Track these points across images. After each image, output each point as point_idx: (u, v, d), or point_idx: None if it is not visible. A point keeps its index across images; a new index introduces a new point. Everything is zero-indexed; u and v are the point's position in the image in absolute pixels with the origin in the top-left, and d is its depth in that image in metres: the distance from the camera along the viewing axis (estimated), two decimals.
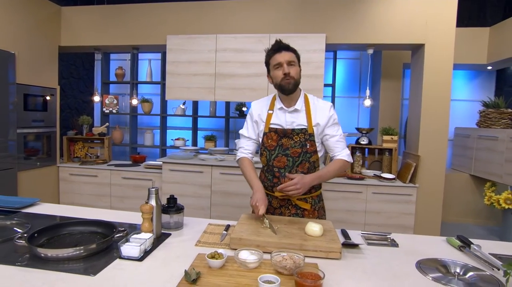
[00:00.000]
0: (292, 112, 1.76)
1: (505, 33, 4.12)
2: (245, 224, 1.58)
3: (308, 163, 1.76)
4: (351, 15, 3.50)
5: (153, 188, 1.54)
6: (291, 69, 1.68)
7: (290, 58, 1.68)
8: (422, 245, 1.56)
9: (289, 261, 1.20)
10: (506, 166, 3.74)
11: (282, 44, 1.70)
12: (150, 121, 5.24)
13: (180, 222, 1.67)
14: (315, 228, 1.47)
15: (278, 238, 1.43)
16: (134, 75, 4.80)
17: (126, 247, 1.29)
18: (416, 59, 3.64)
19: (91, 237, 1.46)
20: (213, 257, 1.23)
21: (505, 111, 4.07)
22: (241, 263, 1.22)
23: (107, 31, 3.90)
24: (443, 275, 1.27)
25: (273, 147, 1.78)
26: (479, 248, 1.47)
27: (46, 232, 1.44)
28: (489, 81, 4.93)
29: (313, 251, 1.36)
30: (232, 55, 3.64)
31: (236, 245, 1.41)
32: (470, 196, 4.51)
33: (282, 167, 1.77)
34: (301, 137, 1.74)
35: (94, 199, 3.93)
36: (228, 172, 3.64)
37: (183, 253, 1.38)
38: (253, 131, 1.86)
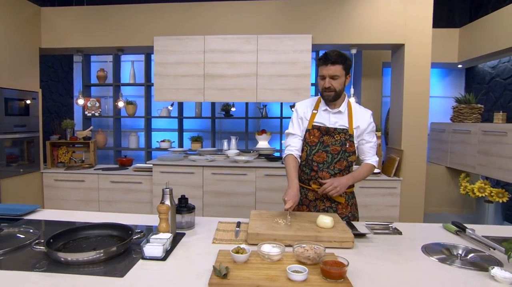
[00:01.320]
0: (335, 114, 1.87)
1: (473, 34, 4.40)
2: (257, 220, 1.63)
3: (346, 162, 1.86)
4: (336, 16, 3.62)
5: (167, 189, 1.56)
6: (333, 82, 1.78)
7: (334, 73, 1.76)
8: (422, 232, 1.68)
9: (311, 251, 1.26)
10: (479, 157, 4.00)
11: (329, 57, 1.76)
12: (134, 124, 5.15)
13: (192, 221, 1.69)
14: (327, 220, 1.54)
15: (293, 231, 1.49)
16: (118, 77, 4.70)
17: (149, 248, 1.30)
18: (397, 58, 3.82)
19: (107, 240, 1.45)
20: (237, 252, 1.27)
21: (475, 107, 4.35)
22: (265, 256, 1.26)
23: (90, 32, 3.80)
24: (447, 257, 1.38)
25: (315, 143, 1.87)
26: (473, 232, 1.60)
27: (61, 237, 1.42)
28: (459, 78, 5.23)
29: (328, 241, 1.43)
30: (220, 56, 3.67)
31: (254, 240, 1.45)
32: (446, 187, 4.78)
33: (321, 162, 1.86)
34: (342, 136, 1.84)
35: (81, 204, 3.82)
36: (219, 172, 3.67)
37: (203, 251, 1.40)
38: (299, 128, 1.94)
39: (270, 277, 1.14)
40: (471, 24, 4.44)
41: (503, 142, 3.59)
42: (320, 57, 1.81)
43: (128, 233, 1.46)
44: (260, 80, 3.68)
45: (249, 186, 3.66)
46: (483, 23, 4.19)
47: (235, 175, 3.65)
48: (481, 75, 4.89)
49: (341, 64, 1.76)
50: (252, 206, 3.66)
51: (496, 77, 4.59)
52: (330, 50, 1.81)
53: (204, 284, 1.12)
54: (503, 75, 4.46)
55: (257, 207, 3.65)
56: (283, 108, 4.72)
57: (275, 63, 3.66)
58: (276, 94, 3.69)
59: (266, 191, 3.64)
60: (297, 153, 1.92)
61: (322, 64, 1.79)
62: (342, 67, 1.77)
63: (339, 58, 1.76)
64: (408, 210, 3.66)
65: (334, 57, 1.75)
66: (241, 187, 3.65)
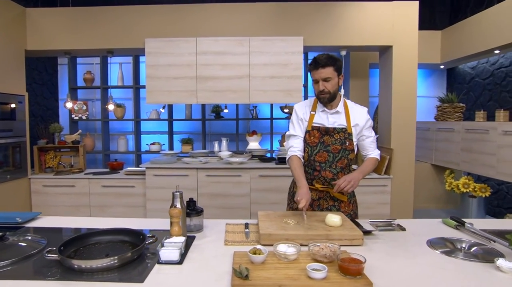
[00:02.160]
0: (333, 114, 1.92)
1: (454, 36, 4.58)
2: (266, 221, 1.65)
3: (346, 160, 1.92)
4: (326, 19, 3.69)
5: (177, 192, 1.56)
6: (327, 85, 1.83)
7: (326, 75, 1.81)
8: (424, 228, 1.74)
9: (327, 250, 1.29)
10: (462, 155, 4.17)
11: (319, 61, 1.81)
12: (122, 127, 5.06)
13: (200, 224, 1.69)
14: (336, 219, 1.58)
15: (304, 231, 1.52)
16: (105, 79, 4.61)
17: (165, 252, 1.30)
18: (385, 60, 3.93)
19: (118, 246, 1.44)
20: (254, 253, 1.28)
21: (458, 106, 4.53)
22: (282, 255, 1.29)
23: (79, 34, 3.71)
24: (452, 250, 1.44)
25: (315, 143, 1.92)
26: (472, 226, 1.68)
27: (71, 244, 1.39)
28: (441, 78, 5.43)
29: (338, 239, 1.47)
30: (213, 57, 3.66)
31: (266, 241, 1.47)
32: (432, 184, 4.94)
33: (323, 161, 1.91)
34: (341, 135, 1.90)
35: (72, 210, 3.73)
36: (213, 174, 3.66)
37: (218, 253, 1.41)
38: (300, 129, 1.97)
39: (290, 276, 1.17)
40: (452, 26, 4.62)
41: (485, 140, 3.75)
42: (311, 63, 1.86)
43: (139, 238, 1.45)
44: (253, 82, 3.70)
45: (243, 188, 3.67)
46: (463, 26, 4.37)
47: (230, 177, 3.66)
48: (461, 76, 5.10)
49: (331, 66, 1.81)
50: (247, 207, 3.67)
51: (475, 78, 4.79)
52: (319, 54, 1.86)
53: (226, 285, 1.14)
54: (482, 76, 4.66)
55: (252, 208, 3.67)
56: (273, 109, 4.76)
57: (267, 65, 3.69)
58: (269, 95, 3.73)
59: (261, 192, 3.66)
60: (300, 153, 1.95)
61: (313, 69, 1.83)
62: (333, 68, 1.82)
63: (329, 61, 1.81)
64: (398, 207, 3.77)
65: (324, 60, 1.80)
66: (236, 188, 3.65)
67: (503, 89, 4.25)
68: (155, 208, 3.65)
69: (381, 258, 1.36)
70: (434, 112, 4.88)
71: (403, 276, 1.20)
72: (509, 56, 4.15)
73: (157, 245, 1.42)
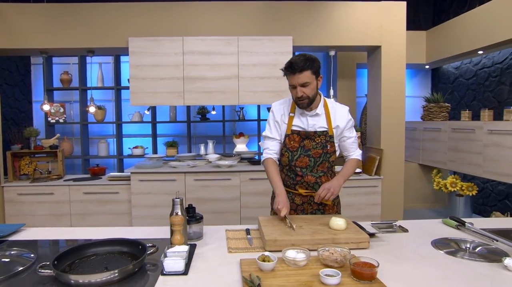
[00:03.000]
0: (313, 116, 1.87)
1: (438, 36, 4.73)
2: (269, 226, 1.64)
3: (328, 163, 1.90)
4: (315, 19, 3.72)
5: (177, 198, 1.52)
6: (305, 90, 1.73)
7: (304, 80, 1.70)
8: (425, 228, 1.78)
9: (337, 254, 1.30)
10: (449, 154, 4.31)
11: (295, 66, 1.69)
12: (102, 130, 4.92)
13: (200, 232, 1.67)
14: (340, 222, 1.59)
15: (310, 235, 1.52)
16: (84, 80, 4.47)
17: (169, 262, 1.26)
18: (373, 60, 4.01)
19: (116, 258, 1.38)
20: (263, 260, 1.27)
21: (443, 105, 4.68)
22: (291, 262, 1.28)
23: (57, 32, 3.58)
24: (457, 250, 1.48)
25: (296, 148, 1.88)
26: (472, 225, 1.73)
27: (65, 258, 1.33)
28: (426, 78, 5.60)
29: (345, 243, 1.47)
30: (200, 57, 3.62)
31: (272, 247, 1.46)
32: (419, 183, 5.08)
33: (304, 166, 1.88)
34: (322, 138, 1.86)
35: (51, 219, 3.58)
36: (202, 178, 3.62)
37: (223, 261, 1.39)
38: (276, 131, 1.93)
39: (303, 283, 1.16)
40: (437, 27, 4.77)
41: (471, 139, 3.89)
42: (286, 66, 1.73)
43: (138, 248, 1.40)
44: (242, 83, 3.68)
45: (233, 191, 3.64)
46: (448, 27, 4.53)
47: (219, 181, 3.62)
48: (446, 76, 5.27)
49: (309, 69, 1.70)
50: (237, 211, 3.65)
51: (459, 77, 4.97)
52: (295, 56, 1.75)
53: None
54: (465, 76, 4.84)
55: (242, 212, 3.65)
56: (261, 110, 4.76)
57: (257, 65, 3.69)
58: (258, 96, 3.72)
59: (251, 195, 3.65)
60: (275, 156, 1.93)
61: (290, 74, 1.72)
62: (311, 72, 1.71)
63: (306, 64, 1.69)
64: (389, 207, 3.84)
65: (301, 64, 1.68)
66: (225, 192, 3.62)
67: (486, 89, 4.42)
68: (142, 215, 3.56)
69: (389, 260, 1.37)
70: (420, 112, 5.02)
71: (415, 279, 1.22)
72: (491, 57, 4.34)
73: (157, 255, 1.38)
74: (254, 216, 3.63)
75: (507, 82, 4.07)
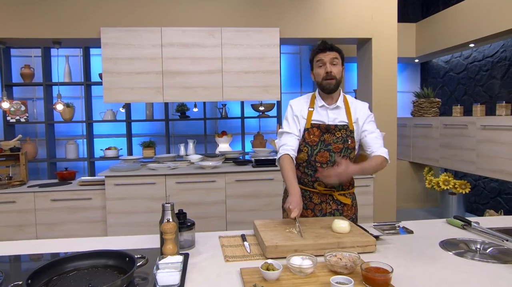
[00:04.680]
0: (333, 109, 1.89)
1: (428, 29, 4.85)
2: (268, 231, 1.60)
3: (349, 159, 1.88)
4: (303, 9, 3.72)
5: (167, 203, 1.46)
6: (334, 68, 1.81)
7: (333, 56, 1.82)
8: (430, 229, 1.79)
9: (346, 260, 1.27)
10: (441, 151, 4.42)
11: (327, 45, 1.83)
12: (69, 130, 4.73)
13: (192, 240, 1.61)
14: (343, 225, 1.57)
15: (313, 240, 1.49)
16: (48, 75, 4.28)
17: (163, 275, 1.20)
18: (363, 53, 4.05)
19: (99, 273, 1.30)
20: (267, 269, 1.23)
21: (434, 101, 4.80)
22: (297, 269, 1.24)
23: (17, 20, 3.40)
24: (467, 251, 1.49)
25: (316, 142, 1.87)
26: (479, 225, 1.75)
27: (41, 275, 1.23)
28: (415, 73, 5.73)
29: (351, 247, 1.46)
30: (180, 50, 3.54)
31: (272, 254, 1.42)
32: (410, 182, 5.19)
33: (325, 162, 1.87)
34: (343, 133, 1.87)
35: (13, 231, 3.39)
36: (184, 180, 3.53)
37: (221, 271, 1.34)
38: (295, 126, 1.92)
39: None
40: (427, 19, 4.88)
41: (464, 135, 4.01)
42: (317, 46, 1.87)
43: (125, 261, 1.33)
44: (226, 77, 3.63)
45: (218, 194, 3.58)
46: (438, 19, 4.64)
47: (203, 183, 3.55)
48: (435, 70, 5.41)
49: (338, 52, 1.85)
50: (223, 215, 3.59)
51: (449, 72, 5.11)
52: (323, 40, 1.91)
53: None
54: (456, 70, 4.98)
55: (228, 216, 3.59)
56: (244, 108, 4.71)
57: (241, 59, 3.64)
58: (244, 92, 3.67)
59: (237, 198, 3.60)
60: (293, 153, 1.89)
61: (320, 52, 1.84)
62: (339, 55, 1.85)
63: (335, 47, 1.86)
64: (382, 208, 3.90)
65: (330, 44, 1.85)
66: (210, 195, 3.56)
67: (477, 83, 4.57)
68: (118, 223, 3.44)
69: (400, 264, 1.36)
70: (410, 107, 5.13)
71: (429, 283, 1.21)
72: (482, 50, 4.48)
73: (147, 268, 1.31)
74: (241, 220, 3.59)
75: (498, 76, 4.22)
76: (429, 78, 5.54)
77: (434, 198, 5.17)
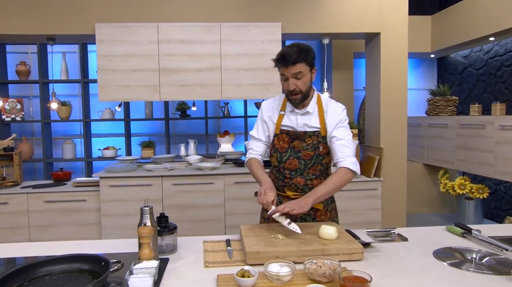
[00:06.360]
0: (304, 115, 1.88)
1: (445, 21, 4.78)
2: (252, 236, 1.62)
3: (320, 165, 1.89)
4: (306, 2, 3.72)
5: (146, 207, 1.50)
6: (298, 83, 1.75)
7: (297, 70, 1.72)
8: (427, 237, 1.79)
9: (325, 267, 1.29)
10: (457, 153, 4.36)
11: (288, 57, 1.70)
12: (67, 129, 4.85)
13: (174, 244, 1.65)
14: (330, 231, 1.59)
15: (296, 246, 1.51)
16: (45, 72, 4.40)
17: (135, 280, 1.24)
18: (371, 48, 4.03)
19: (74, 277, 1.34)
20: (243, 276, 1.25)
21: (450, 99, 4.73)
22: (274, 277, 1.26)
23: (10, 16, 3.49)
24: (462, 262, 1.49)
25: (285, 149, 1.89)
26: (480, 233, 1.74)
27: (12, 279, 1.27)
28: (432, 69, 5.66)
29: (336, 254, 1.47)
30: (178, 47, 3.59)
31: (254, 260, 1.45)
32: (424, 186, 5.13)
33: (294, 169, 1.88)
34: (314, 139, 1.86)
35: (6, 233, 3.50)
36: (181, 182, 3.59)
37: (198, 278, 1.37)
38: (263, 132, 1.97)
39: None
40: (443, 11, 4.81)
41: (481, 135, 3.94)
42: (278, 57, 1.74)
43: (100, 265, 1.37)
44: (225, 75, 3.66)
45: (217, 197, 3.62)
46: (455, 11, 4.57)
47: (200, 185, 3.60)
48: (453, 65, 5.33)
49: (303, 61, 1.72)
50: (221, 219, 3.63)
51: (468, 67, 5.03)
52: (287, 46, 1.75)
53: None
54: (475, 65, 4.90)
55: (227, 220, 3.63)
56: (248, 106, 4.74)
57: (241, 55, 3.67)
58: (244, 90, 3.70)
59: (237, 200, 3.63)
60: (260, 158, 1.99)
61: (282, 66, 1.74)
62: (305, 64, 1.73)
63: (300, 55, 1.70)
64: (391, 212, 3.87)
65: (294, 56, 1.69)
66: (208, 198, 3.60)
67: (498, 79, 4.48)
68: (113, 225, 3.52)
69: (385, 274, 1.37)
70: (424, 106, 5.07)
71: None
72: (504, 44, 4.39)
73: (123, 272, 1.35)
74: (241, 224, 3.61)
75: None
76: (447, 74, 5.47)
77: (450, 203, 5.10)
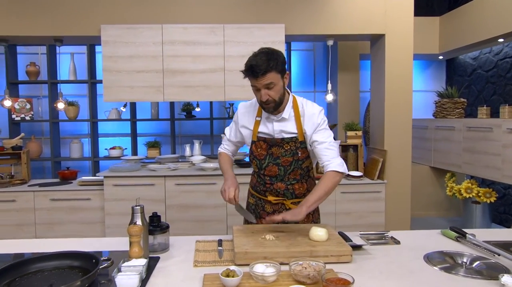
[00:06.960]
0: (280, 121, 1.84)
1: (454, 22, 4.72)
2: (242, 237, 1.64)
3: (301, 170, 1.89)
4: (310, 3, 3.72)
5: (137, 206, 1.53)
6: (270, 93, 1.69)
7: (268, 81, 1.66)
8: (421, 240, 1.78)
9: (310, 269, 1.30)
10: (464, 156, 4.30)
11: (256, 69, 1.63)
12: (75, 129, 4.94)
13: (166, 243, 1.67)
14: (320, 233, 1.59)
15: (285, 247, 1.52)
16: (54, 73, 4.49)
17: (122, 278, 1.27)
18: (376, 50, 4.01)
19: (65, 273, 1.38)
20: (228, 276, 1.27)
21: (458, 101, 4.67)
22: (259, 277, 1.28)
23: (19, 18, 3.58)
24: (452, 266, 1.48)
25: (263, 156, 1.88)
26: (474, 237, 1.72)
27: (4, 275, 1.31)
28: (440, 71, 5.59)
29: (324, 256, 1.48)
30: (181, 48, 3.63)
31: (242, 260, 1.46)
32: (431, 189, 5.07)
33: (274, 175, 1.88)
34: (292, 145, 1.84)
35: (12, 230, 3.59)
36: (184, 182, 3.62)
37: (186, 276, 1.39)
38: (234, 136, 2.02)
39: None
40: (452, 12, 4.76)
41: (489, 139, 3.89)
42: (246, 68, 1.68)
43: (91, 262, 1.41)
44: (229, 76, 3.69)
45: (219, 197, 3.58)
46: (464, 12, 4.52)
47: (203, 185, 3.63)
48: (462, 67, 5.26)
49: (273, 70, 1.65)
50: (223, 219, 3.66)
51: (477, 69, 4.96)
52: (254, 55, 1.68)
53: None
54: (484, 67, 4.83)
55: (229, 221, 3.65)
56: None
57: (245, 57, 3.58)
58: (247, 91, 3.64)
59: (239, 201, 3.64)
60: (231, 154, 2.09)
61: (252, 78, 1.68)
62: (275, 72, 1.66)
63: (270, 64, 1.63)
64: (394, 216, 3.84)
65: (263, 66, 1.62)
66: (210, 198, 3.63)
67: (508, 81, 4.41)
68: (116, 224, 3.57)
69: (372, 276, 1.37)
70: (432, 108, 5.02)
71: None
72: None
73: (113, 270, 1.39)
74: None
75: None
76: (455, 76, 5.40)
77: (457, 207, 5.03)
